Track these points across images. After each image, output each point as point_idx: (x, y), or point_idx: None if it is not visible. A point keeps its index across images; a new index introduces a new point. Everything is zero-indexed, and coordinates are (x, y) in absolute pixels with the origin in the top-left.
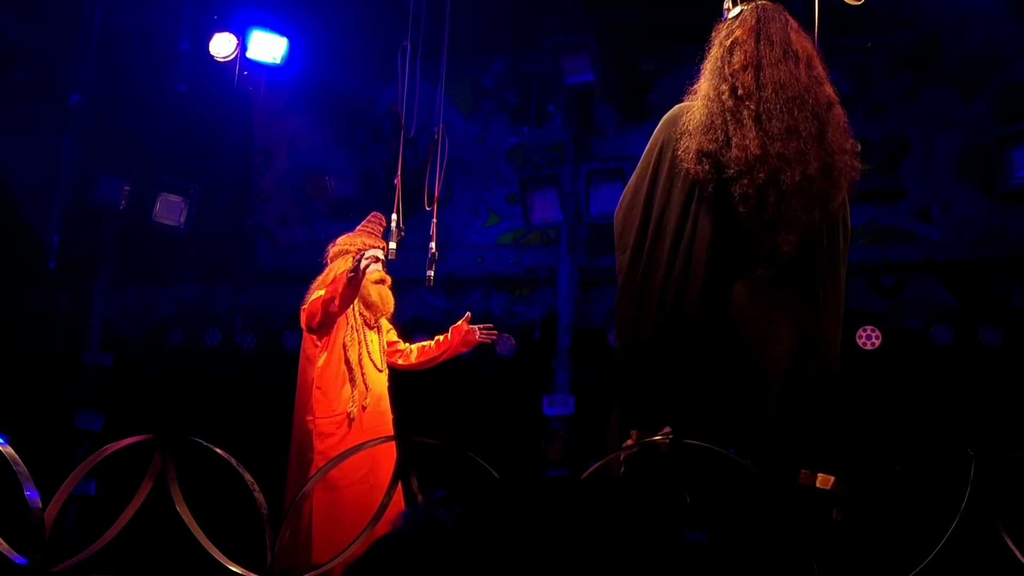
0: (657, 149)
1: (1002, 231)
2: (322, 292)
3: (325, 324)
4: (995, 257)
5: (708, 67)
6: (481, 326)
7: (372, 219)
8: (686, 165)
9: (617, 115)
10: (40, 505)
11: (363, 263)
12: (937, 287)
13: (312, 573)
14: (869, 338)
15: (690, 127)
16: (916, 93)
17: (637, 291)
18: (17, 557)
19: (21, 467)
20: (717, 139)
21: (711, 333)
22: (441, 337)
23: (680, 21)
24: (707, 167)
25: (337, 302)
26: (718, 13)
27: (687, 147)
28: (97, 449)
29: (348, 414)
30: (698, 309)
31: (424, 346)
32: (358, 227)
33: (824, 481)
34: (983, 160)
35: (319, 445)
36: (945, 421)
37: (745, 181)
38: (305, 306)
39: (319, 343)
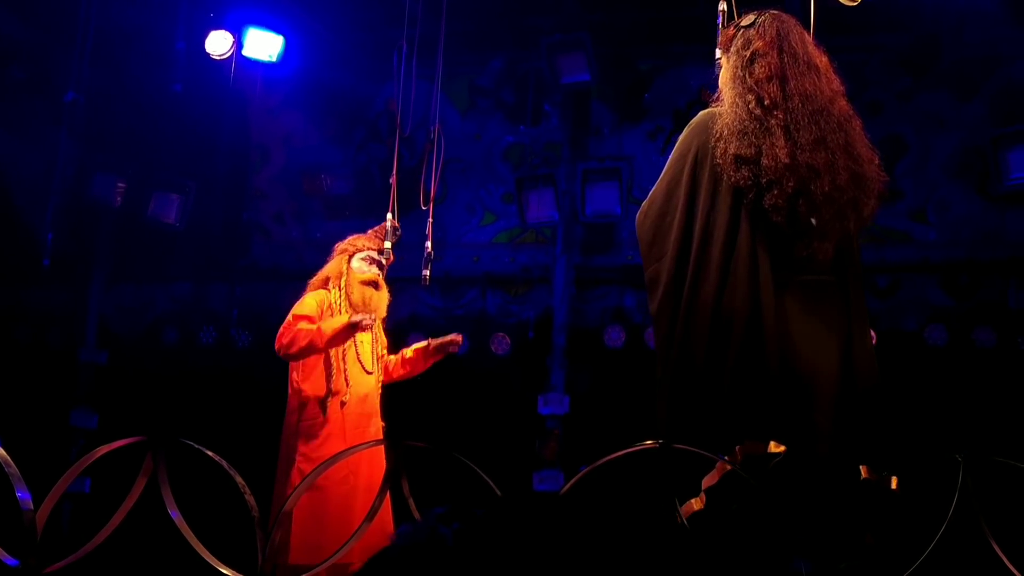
0: (692, 155)
1: (997, 232)
2: (308, 325)
3: (301, 356)
4: (990, 258)
5: (727, 76)
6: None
7: (386, 224)
8: (726, 171)
9: (613, 114)
10: (31, 506)
11: (366, 322)
12: (932, 288)
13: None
14: None
15: (724, 132)
16: (913, 94)
17: (687, 301)
18: (8, 558)
19: (13, 468)
20: (751, 144)
21: (761, 347)
22: (409, 352)
23: (677, 21)
24: (746, 174)
25: (322, 346)
26: (714, 14)
27: (724, 151)
28: (92, 446)
29: (323, 410)
30: (750, 318)
31: (393, 361)
32: (370, 230)
33: (895, 483)
34: (979, 161)
35: (303, 447)
36: (939, 422)
37: (775, 191)
38: (292, 317)
39: None
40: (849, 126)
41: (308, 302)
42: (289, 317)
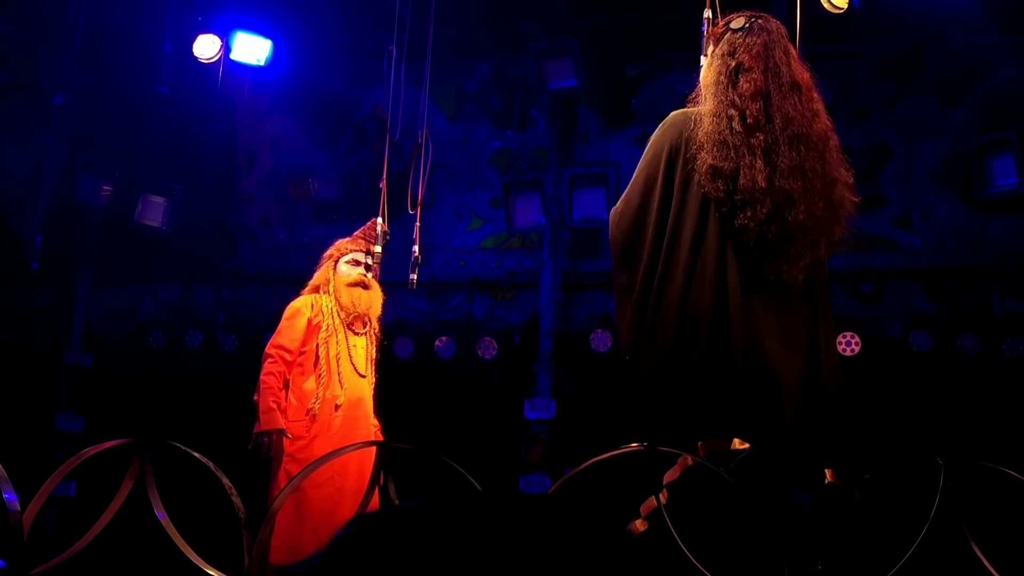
0: (665, 155)
1: (982, 239)
2: (282, 363)
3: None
4: (974, 264)
5: (710, 79)
6: None
7: (371, 225)
8: (701, 180)
9: (601, 120)
10: (18, 508)
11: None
12: (917, 294)
13: None
14: (848, 344)
15: (704, 142)
16: (898, 101)
17: (654, 299)
18: None
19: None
20: (729, 159)
21: (727, 346)
22: None
23: (664, 27)
24: (721, 186)
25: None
26: (701, 20)
27: (703, 160)
28: (78, 450)
29: (311, 411)
30: (716, 316)
31: None
32: (356, 232)
33: (857, 491)
34: (964, 168)
35: (289, 447)
36: (923, 428)
37: (749, 212)
38: (274, 347)
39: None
40: (826, 148)
41: (297, 323)
42: (274, 340)
